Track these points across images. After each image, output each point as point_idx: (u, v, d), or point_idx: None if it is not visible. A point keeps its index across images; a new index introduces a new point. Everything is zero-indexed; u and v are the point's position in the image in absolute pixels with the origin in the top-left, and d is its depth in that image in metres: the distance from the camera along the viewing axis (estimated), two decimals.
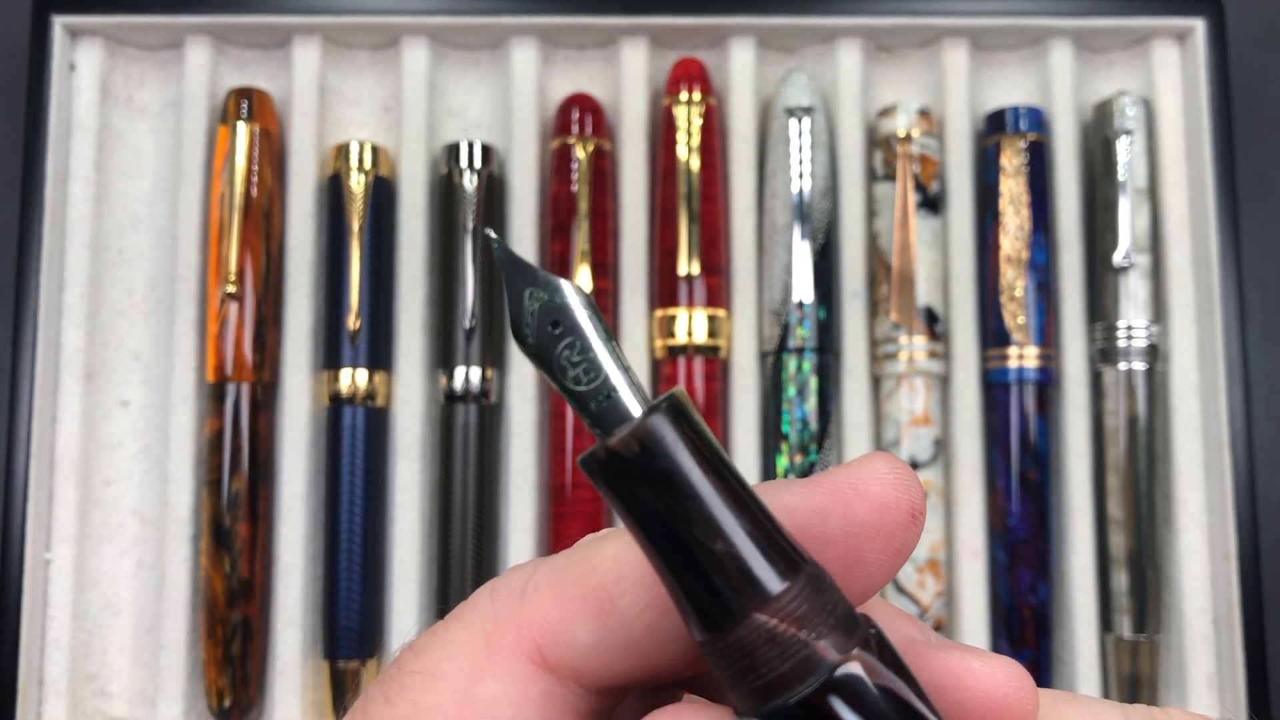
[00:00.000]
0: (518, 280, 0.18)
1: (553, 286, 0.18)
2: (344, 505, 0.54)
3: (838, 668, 0.17)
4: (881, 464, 0.19)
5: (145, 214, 0.59)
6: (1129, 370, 0.56)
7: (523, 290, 0.18)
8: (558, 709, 0.18)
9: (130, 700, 0.56)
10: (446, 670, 0.18)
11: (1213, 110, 0.57)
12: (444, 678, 0.18)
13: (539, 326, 0.18)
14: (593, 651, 0.18)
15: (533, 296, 0.18)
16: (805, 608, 0.17)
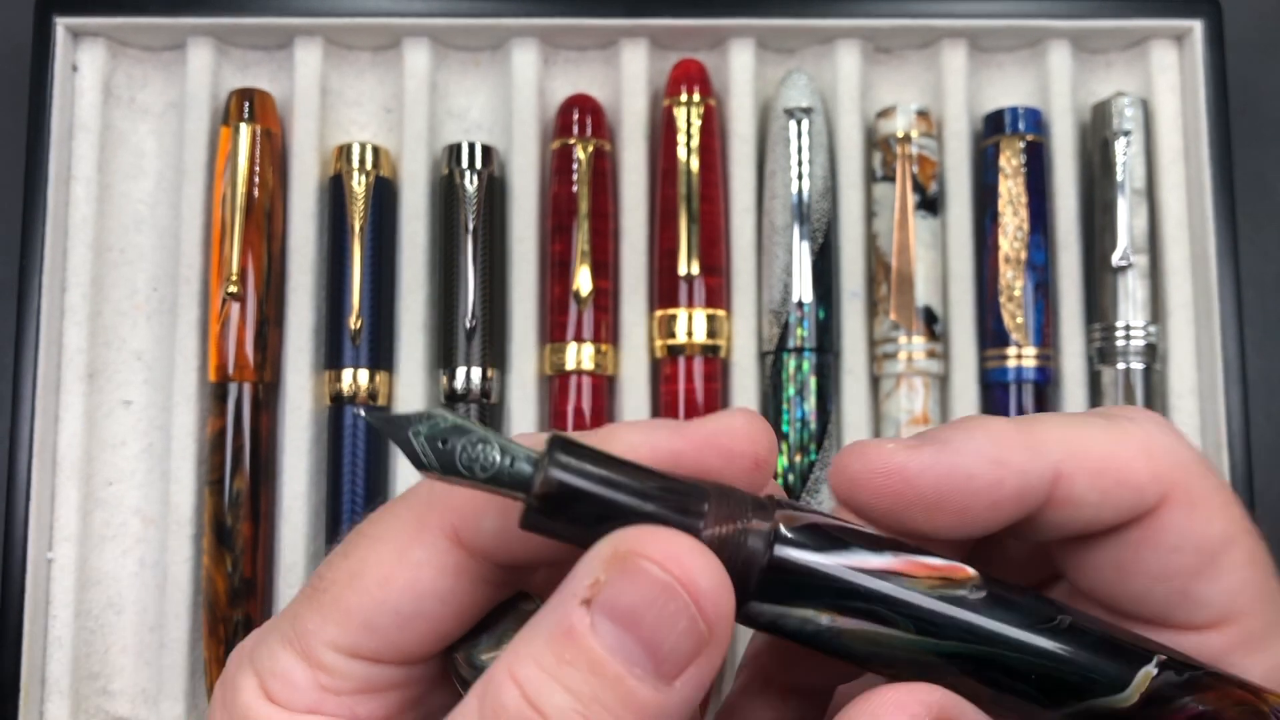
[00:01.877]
0: (397, 430, 0.21)
1: (423, 417, 0.21)
2: (345, 505, 0.55)
3: (774, 532, 0.21)
4: (737, 419, 0.23)
5: (147, 214, 0.59)
6: (1127, 370, 0.56)
7: (406, 434, 0.21)
8: (468, 577, 0.23)
9: (132, 699, 0.56)
10: (387, 536, 0.23)
11: (1210, 111, 0.57)
12: (385, 541, 0.23)
13: (433, 453, 0.21)
14: (496, 537, 0.23)
15: (415, 434, 0.21)
16: (727, 511, 0.21)
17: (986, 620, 0.22)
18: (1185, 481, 0.24)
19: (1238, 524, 0.24)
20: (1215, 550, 0.24)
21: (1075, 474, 0.23)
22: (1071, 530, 0.23)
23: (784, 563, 0.21)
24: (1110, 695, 0.22)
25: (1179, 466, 0.24)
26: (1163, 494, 0.23)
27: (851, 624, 0.21)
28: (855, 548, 0.22)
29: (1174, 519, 0.23)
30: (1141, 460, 0.23)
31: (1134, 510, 0.23)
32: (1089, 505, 0.23)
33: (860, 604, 0.21)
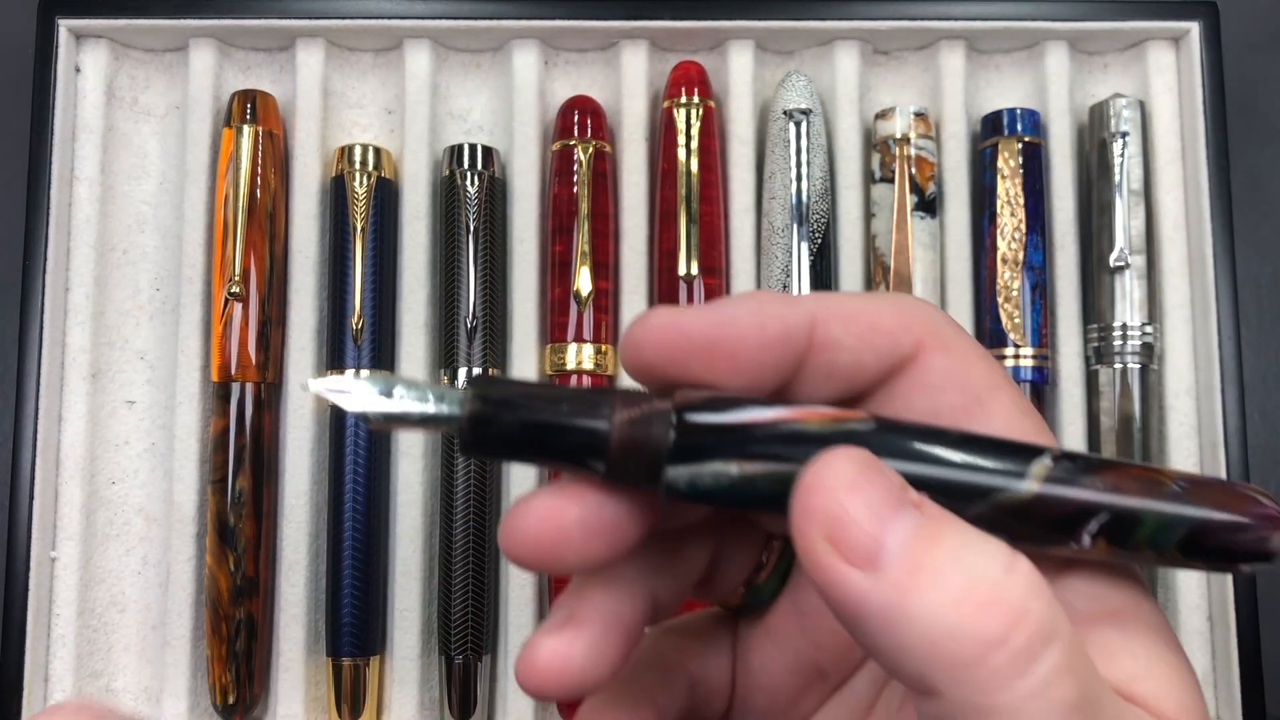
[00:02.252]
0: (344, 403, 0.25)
1: (347, 392, 0.24)
2: (347, 504, 0.55)
3: (676, 406, 0.24)
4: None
5: (150, 215, 0.59)
6: (1124, 370, 0.57)
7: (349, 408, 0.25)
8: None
9: (135, 697, 0.56)
10: None
11: (1207, 113, 0.57)
12: None
13: (377, 417, 0.25)
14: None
15: (358, 402, 0.24)
16: (632, 401, 0.24)
17: (879, 442, 0.23)
18: (938, 331, 0.25)
19: (999, 374, 0.25)
20: (980, 392, 0.25)
21: (830, 320, 0.25)
22: (842, 377, 0.25)
23: (689, 425, 0.23)
24: (1008, 487, 0.23)
25: (928, 319, 0.25)
26: (917, 341, 0.25)
27: (758, 468, 0.23)
28: (750, 406, 0.24)
29: (933, 361, 0.25)
30: (891, 313, 0.25)
31: (893, 355, 0.25)
32: (847, 348, 0.25)
33: (762, 448, 0.23)
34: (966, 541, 0.21)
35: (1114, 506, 0.23)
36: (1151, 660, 0.23)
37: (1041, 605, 0.20)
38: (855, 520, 0.21)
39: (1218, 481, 0.24)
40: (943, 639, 0.20)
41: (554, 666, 0.24)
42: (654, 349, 0.24)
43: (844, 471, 0.21)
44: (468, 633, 0.54)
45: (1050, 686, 0.19)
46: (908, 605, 0.20)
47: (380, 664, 0.56)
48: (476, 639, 0.55)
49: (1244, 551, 0.24)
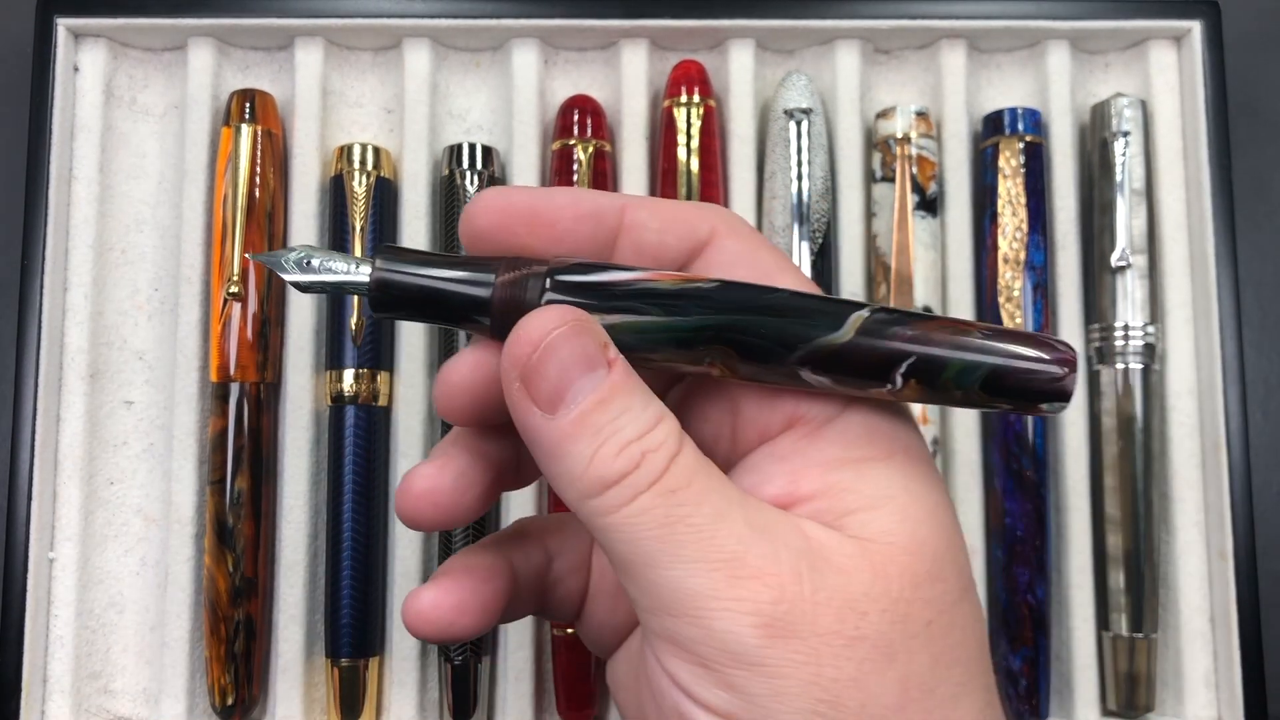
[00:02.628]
0: (274, 260, 0.30)
1: (291, 249, 0.30)
2: (346, 504, 0.55)
3: (550, 269, 0.28)
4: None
5: (149, 215, 0.59)
6: (1125, 370, 0.57)
7: (279, 260, 0.30)
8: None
9: (134, 698, 0.56)
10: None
11: (1209, 112, 0.57)
12: None
13: (300, 271, 0.29)
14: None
15: (285, 261, 0.30)
16: (514, 265, 0.29)
17: (720, 296, 0.28)
18: (732, 223, 0.30)
19: (786, 261, 0.30)
20: (769, 271, 0.29)
21: (638, 207, 0.30)
22: (650, 254, 0.30)
23: (558, 284, 0.28)
24: (829, 334, 0.27)
25: (725, 215, 0.31)
26: (712, 228, 0.30)
27: (617, 319, 0.28)
28: (612, 270, 0.28)
29: (727, 244, 0.30)
30: (691, 207, 0.30)
31: (691, 238, 0.30)
32: (653, 229, 0.30)
33: (620, 303, 0.28)
34: (627, 406, 0.27)
35: (920, 352, 0.27)
36: (876, 498, 0.27)
37: (655, 458, 0.26)
38: (544, 375, 0.27)
39: (1019, 331, 0.28)
40: (578, 474, 0.27)
41: (426, 489, 0.31)
42: (485, 217, 0.29)
43: (544, 329, 0.27)
44: None
45: (644, 509, 0.26)
46: (565, 445, 0.27)
47: (379, 665, 0.55)
48: (475, 640, 0.54)
49: (1041, 391, 0.27)
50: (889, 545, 0.27)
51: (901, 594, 0.26)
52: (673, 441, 0.27)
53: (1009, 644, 0.56)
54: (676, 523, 0.26)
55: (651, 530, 0.26)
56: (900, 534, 0.27)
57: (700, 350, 0.28)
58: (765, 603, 0.25)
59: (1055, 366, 0.27)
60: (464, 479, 0.31)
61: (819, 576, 0.26)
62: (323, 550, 0.56)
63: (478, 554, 0.33)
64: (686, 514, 0.26)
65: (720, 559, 0.26)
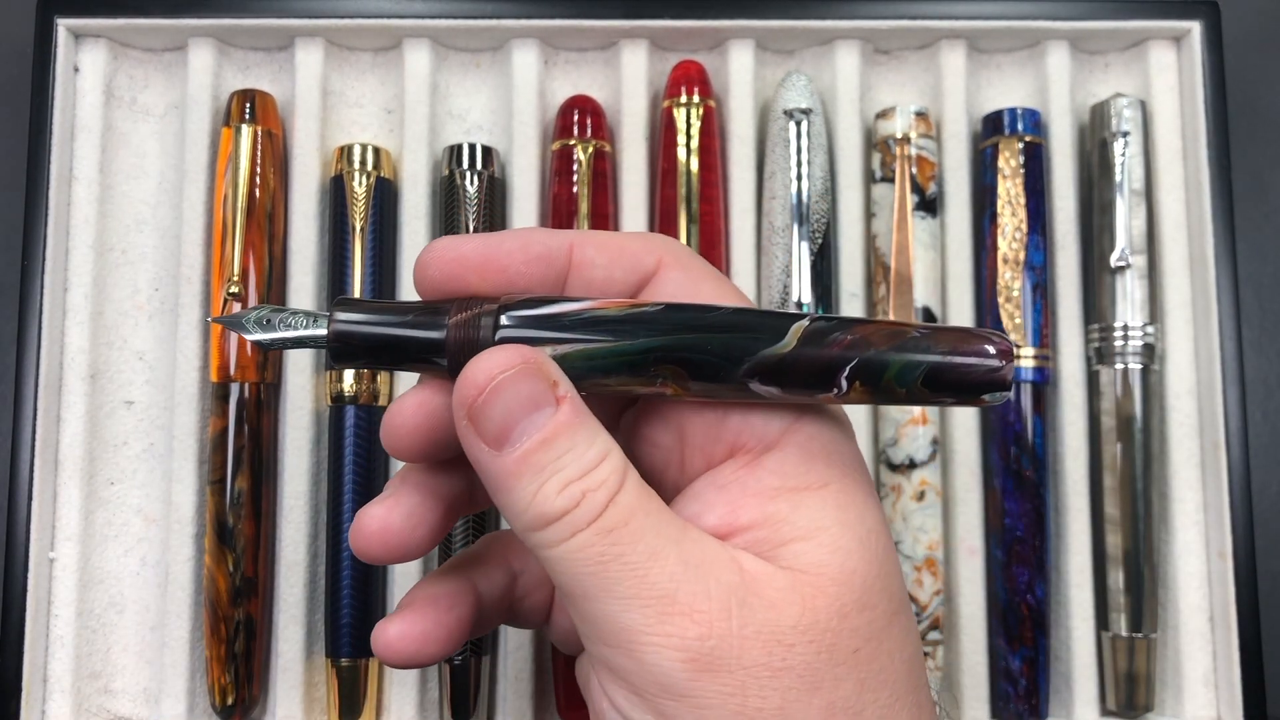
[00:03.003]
0: (235, 322, 0.31)
1: (251, 309, 0.31)
2: (346, 504, 0.55)
3: (500, 306, 0.29)
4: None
5: (149, 215, 0.59)
6: (1125, 370, 0.57)
7: (241, 322, 0.31)
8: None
9: (134, 697, 0.56)
10: None
11: (1209, 112, 0.57)
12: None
13: (261, 330, 0.30)
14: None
15: (246, 321, 0.31)
16: (465, 307, 0.29)
17: (665, 318, 0.29)
18: (676, 253, 0.31)
19: (731, 293, 0.31)
20: (711, 298, 0.31)
21: (585, 244, 0.31)
22: (598, 290, 0.31)
23: (510, 321, 0.29)
24: (773, 345, 0.28)
25: (668, 246, 0.32)
26: (658, 260, 0.31)
27: (568, 348, 0.29)
28: (560, 301, 0.29)
29: (670, 275, 0.31)
30: (637, 240, 0.32)
31: (638, 271, 0.31)
32: (600, 265, 0.31)
33: (570, 332, 0.29)
34: (571, 446, 0.28)
35: (861, 355, 0.28)
36: (810, 529, 0.29)
37: (596, 497, 0.27)
38: (490, 415, 0.28)
39: (955, 327, 0.29)
40: (521, 510, 0.28)
41: (377, 529, 0.32)
42: (437, 266, 0.30)
43: (490, 372, 0.28)
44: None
45: (583, 545, 0.27)
46: (509, 483, 0.28)
47: (379, 665, 0.56)
48: (476, 640, 0.54)
49: (980, 383, 0.28)
50: (819, 576, 0.28)
51: (829, 624, 0.27)
52: (614, 479, 0.28)
53: (1008, 644, 0.56)
54: (612, 560, 0.27)
55: (589, 566, 0.27)
56: (831, 565, 0.28)
57: (651, 371, 0.29)
58: (693, 639, 0.27)
59: (993, 360, 0.28)
60: (414, 517, 0.32)
61: (748, 612, 0.27)
62: (323, 550, 0.56)
63: (441, 582, 0.35)
64: (621, 552, 0.27)
65: (652, 596, 0.27)
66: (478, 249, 0.30)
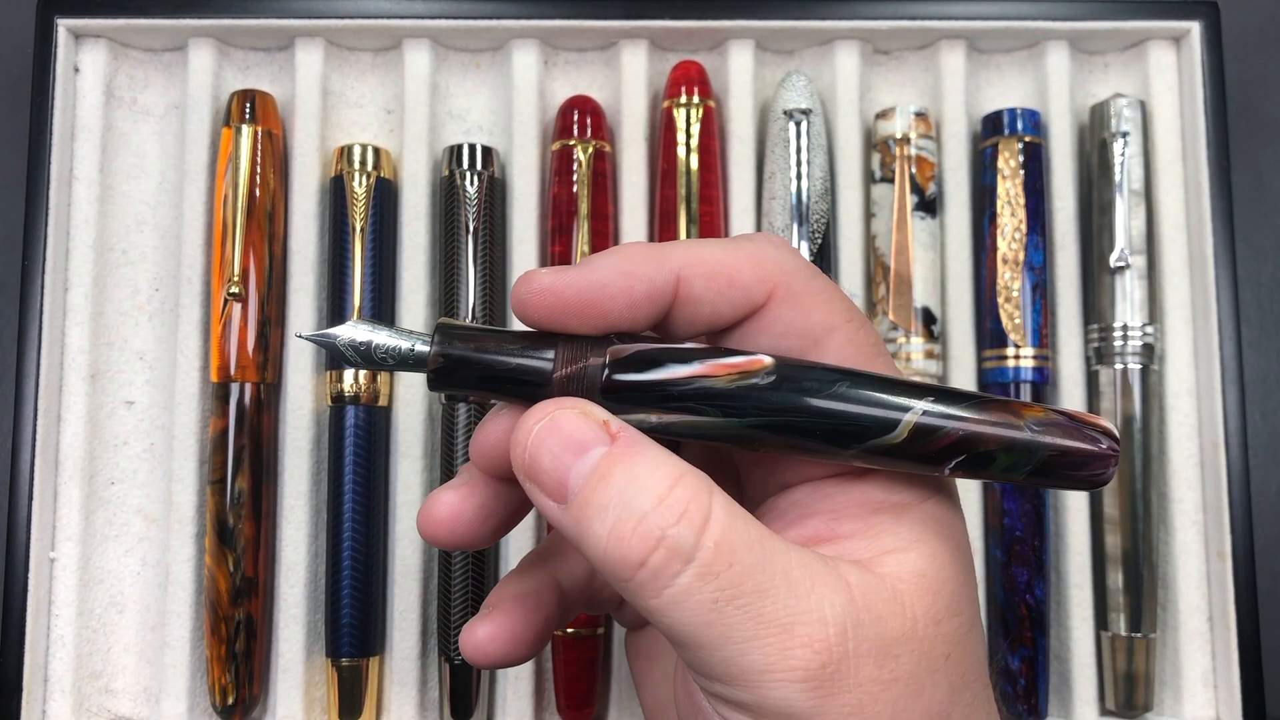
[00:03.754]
0: (330, 343, 0.30)
1: (346, 328, 0.30)
2: (346, 504, 0.55)
3: (606, 363, 0.28)
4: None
5: (149, 215, 0.59)
6: (1124, 370, 0.57)
7: (337, 346, 0.30)
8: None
9: (134, 697, 0.56)
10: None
11: (1208, 113, 0.57)
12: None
13: (358, 355, 0.30)
14: None
15: (343, 345, 0.30)
16: (571, 354, 0.29)
17: (775, 397, 0.28)
18: (786, 282, 0.30)
19: (839, 314, 0.30)
20: (817, 335, 0.30)
21: (693, 277, 0.29)
22: (703, 323, 0.30)
23: (615, 383, 0.28)
24: (884, 436, 0.28)
25: (782, 270, 0.30)
26: (768, 292, 0.30)
27: (673, 418, 0.29)
28: (669, 364, 0.28)
29: (779, 311, 0.30)
30: (748, 266, 0.30)
31: (746, 305, 0.30)
32: (707, 302, 0.29)
33: (675, 404, 0.28)
34: (632, 478, 0.27)
35: (972, 450, 0.28)
36: (909, 541, 0.29)
37: (679, 531, 0.26)
38: (542, 469, 0.27)
39: (1065, 423, 0.29)
40: (604, 560, 0.27)
41: (448, 516, 0.32)
42: (536, 310, 0.29)
43: (533, 427, 0.28)
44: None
45: (688, 593, 0.26)
46: (582, 532, 0.27)
47: (379, 665, 0.56)
48: None
49: (1082, 480, 0.29)
50: (917, 586, 0.28)
51: (926, 632, 0.28)
52: (696, 508, 0.27)
53: (1008, 643, 0.56)
54: (725, 604, 0.26)
55: (699, 615, 0.26)
56: (929, 574, 0.29)
57: (755, 440, 0.29)
58: (815, 668, 0.26)
59: (1097, 464, 0.29)
60: (485, 508, 0.32)
61: (860, 629, 0.27)
62: (323, 550, 0.56)
63: (525, 579, 0.34)
64: (732, 595, 0.26)
65: (770, 634, 0.26)
66: (579, 293, 0.29)
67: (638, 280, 0.29)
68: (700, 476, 0.27)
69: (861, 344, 0.30)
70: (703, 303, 0.29)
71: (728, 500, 0.27)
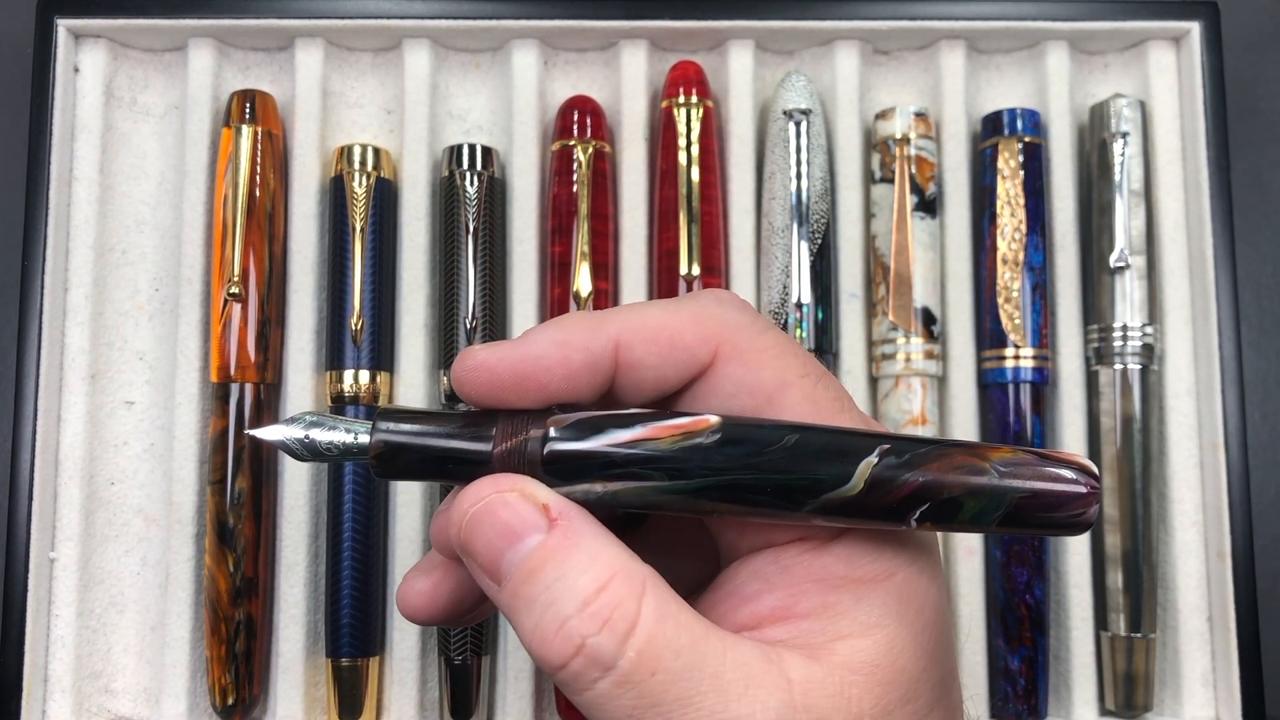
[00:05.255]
0: (275, 439, 0.30)
1: (290, 421, 0.30)
2: (346, 504, 0.55)
3: (545, 435, 0.28)
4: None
5: (149, 215, 0.59)
6: (1124, 370, 0.57)
7: (284, 441, 0.30)
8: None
9: (134, 697, 0.56)
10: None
11: (1208, 113, 0.57)
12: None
13: (305, 449, 0.30)
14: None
15: (288, 449, 0.30)
16: (511, 429, 0.28)
17: (720, 456, 0.27)
18: (731, 339, 0.29)
19: (792, 370, 0.29)
20: (769, 393, 0.29)
21: (633, 343, 0.29)
22: (650, 389, 0.29)
23: (556, 454, 0.27)
24: (838, 489, 0.27)
25: (725, 327, 0.29)
26: (713, 351, 0.29)
27: (618, 486, 0.27)
28: (610, 429, 0.28)
29: (726, 370, 0.29)
30: (690, 326, 0.29)
31: (692, 367, 0.29)
32: (650, 366, 0.29)
33: (619, 470, 0.27)
34: (560, 576, 0.26)
35: (935, 498, 0.27)
36: (866, 626, 0.27)
37: (599, 640, 0.25)
38: (477, 550, 0.27)
39: (1035, 462, 0.27)
40: (530, 652, 0.26)
41: (424, 605, 0.31)
42: (473, 387, 0.28)
43: (468, 510, 0.27)
44: (467, 633, 0.54)
45: (608, 698, 0.25)
46: (514, 618, 0.27)
47: (379, 665, 0.56)
48: (476, 640, 0.55)
49: (1060, 525, 0.27)
50: (869, 678, 0.27)
51: None
52: (621, 615, 0.26)
53: (1007, 644, 0.56)
54: (644, 711, 0.25)
55: (627, 712, 0.26)
56: (883, 664, 0.27)
57: (706, 505, 0.28)
58: None
59: (1075, 505, 0.27)
60: (457, 594, 0.32)
61: None
62: (323, 550, 0.56)
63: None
64: (651, 703, 0.25)
65: None
66: (512, 367, 0.28)
67: (574, 350, 0.28)
68: (635, 575, 0.26)
69: (819, 399, 0.29)
70: (645, 367, 0.29)
71: (661, 600, 0.26)
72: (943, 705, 0.29)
